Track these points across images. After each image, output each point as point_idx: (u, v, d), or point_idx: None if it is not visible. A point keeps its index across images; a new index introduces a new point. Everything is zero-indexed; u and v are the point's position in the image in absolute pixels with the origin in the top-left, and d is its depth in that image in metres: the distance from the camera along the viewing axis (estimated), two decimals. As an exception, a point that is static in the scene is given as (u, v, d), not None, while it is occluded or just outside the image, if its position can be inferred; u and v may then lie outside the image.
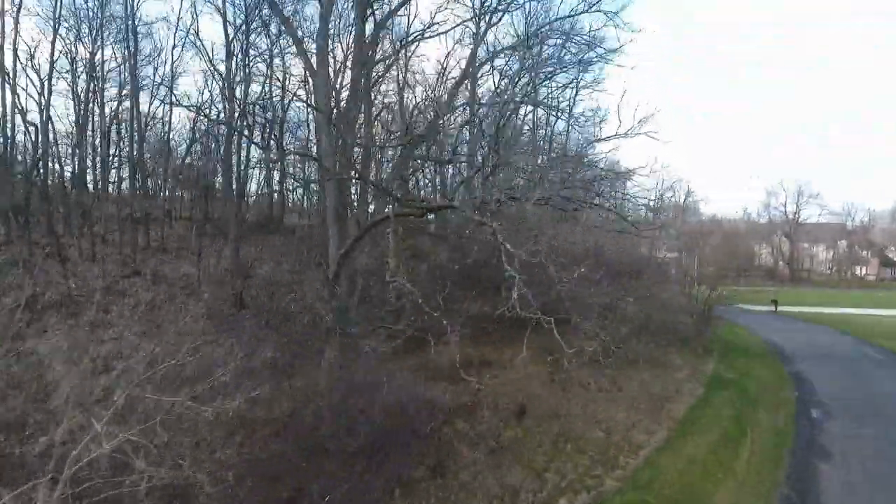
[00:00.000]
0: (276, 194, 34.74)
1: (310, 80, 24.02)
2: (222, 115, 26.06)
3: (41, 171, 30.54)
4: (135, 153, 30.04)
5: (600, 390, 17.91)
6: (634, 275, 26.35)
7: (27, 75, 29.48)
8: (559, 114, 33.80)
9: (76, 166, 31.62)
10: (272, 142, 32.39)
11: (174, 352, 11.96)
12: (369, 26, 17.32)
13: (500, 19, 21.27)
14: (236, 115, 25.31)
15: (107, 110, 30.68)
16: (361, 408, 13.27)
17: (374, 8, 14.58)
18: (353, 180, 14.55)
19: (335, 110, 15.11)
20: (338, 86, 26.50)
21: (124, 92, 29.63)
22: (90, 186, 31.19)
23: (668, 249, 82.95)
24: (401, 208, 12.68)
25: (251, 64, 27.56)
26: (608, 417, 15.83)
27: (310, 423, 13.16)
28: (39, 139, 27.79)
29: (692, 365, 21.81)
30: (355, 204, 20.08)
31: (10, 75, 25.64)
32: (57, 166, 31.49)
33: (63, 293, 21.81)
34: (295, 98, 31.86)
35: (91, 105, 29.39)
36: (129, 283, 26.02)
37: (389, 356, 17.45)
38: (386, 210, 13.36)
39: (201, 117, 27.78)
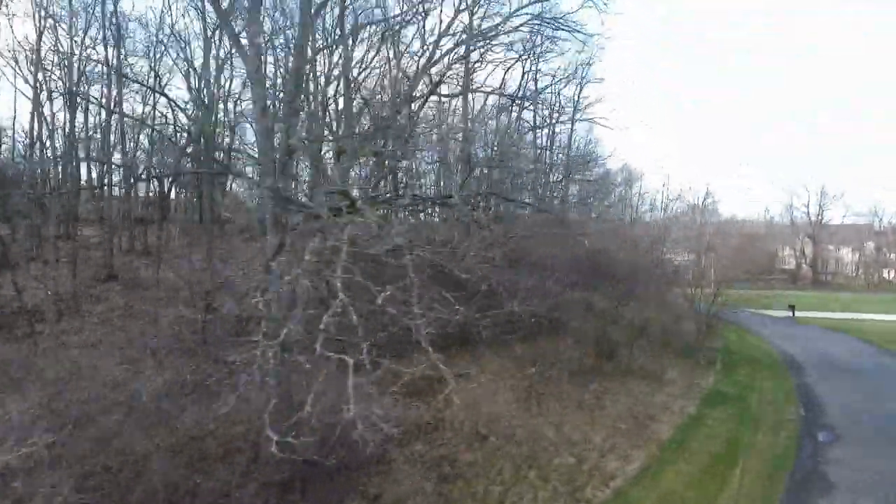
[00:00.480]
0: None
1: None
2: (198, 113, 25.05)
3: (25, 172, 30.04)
4: (110, 153, 29.29)
5: (580, 407, 16.27)
6: (625, 278, 24.60)
7: (21, 74, 29.03)
8: (537, 106, 32.05)
9: (63, 167, 30.97)
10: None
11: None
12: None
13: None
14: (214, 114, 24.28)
15: (99, 109, 30.05)
16: (295, 431, 11.94)
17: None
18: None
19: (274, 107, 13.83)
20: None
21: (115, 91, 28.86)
22: (72, 187, 30.44)
23: (685, 251, 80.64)
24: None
25: (231, 60, 26.60)
26: (583, 439, 14.21)
27: (233, 449, 11.88)
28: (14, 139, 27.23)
29: (689, 377, 20.01)
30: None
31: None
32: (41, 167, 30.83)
33: (29, 301, 20.95)
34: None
35: (80, 104, 28.73)
36: (104, 289, 25.20)
37: (347, 371, 16.10)
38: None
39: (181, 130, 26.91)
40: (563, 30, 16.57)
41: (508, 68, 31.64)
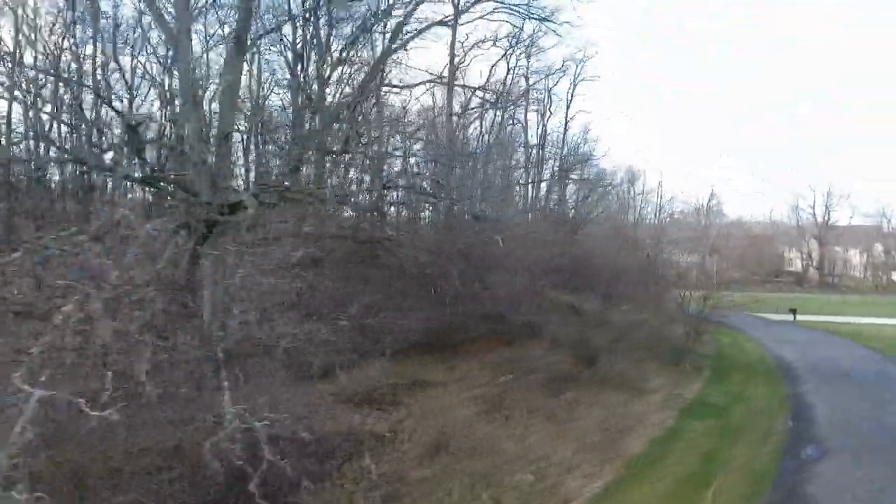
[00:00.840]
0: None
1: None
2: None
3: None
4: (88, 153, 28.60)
5: (549, 418, 15.24)
6: (612, 280, 23.53)
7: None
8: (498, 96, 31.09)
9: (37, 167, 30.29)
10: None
11: None
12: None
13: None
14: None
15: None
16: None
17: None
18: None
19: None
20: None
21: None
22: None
23: (688, 253, 79.71)
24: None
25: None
26: (546, 455, 13.16)
27: (164, 466, 10.96)
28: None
29: (673, 385, 18.91)
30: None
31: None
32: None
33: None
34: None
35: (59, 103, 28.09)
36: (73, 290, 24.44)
37: (293, 381, 15.25)
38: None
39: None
40: (531, 18, 15.62)
41: (493, 64, 30.79)
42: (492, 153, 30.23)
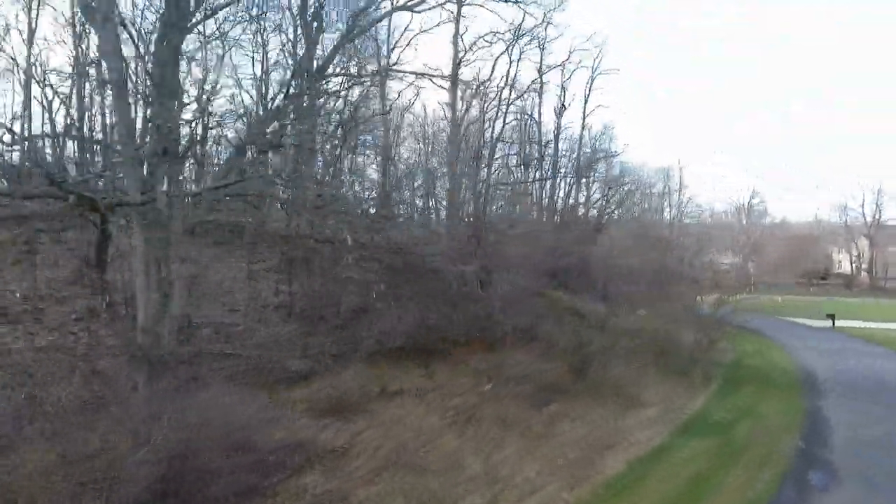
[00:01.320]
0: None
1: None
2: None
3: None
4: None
5: (524, 433, 13.96)
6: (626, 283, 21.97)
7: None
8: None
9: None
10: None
11: None
12: None
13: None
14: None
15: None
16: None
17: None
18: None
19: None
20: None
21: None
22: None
23: (729, 254, 76.28)
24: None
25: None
26: (512, 474, 11.93)
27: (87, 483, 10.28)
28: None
29: (674, 398, 17.28)
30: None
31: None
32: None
33: None
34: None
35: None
36: (70, 292, 24.63)
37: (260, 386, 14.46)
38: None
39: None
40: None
41: (496, 58, 29.57)
42: (496, 149, 28.99)
